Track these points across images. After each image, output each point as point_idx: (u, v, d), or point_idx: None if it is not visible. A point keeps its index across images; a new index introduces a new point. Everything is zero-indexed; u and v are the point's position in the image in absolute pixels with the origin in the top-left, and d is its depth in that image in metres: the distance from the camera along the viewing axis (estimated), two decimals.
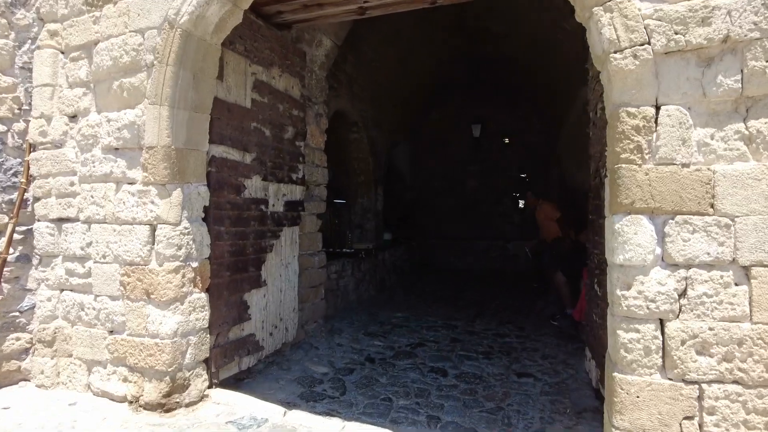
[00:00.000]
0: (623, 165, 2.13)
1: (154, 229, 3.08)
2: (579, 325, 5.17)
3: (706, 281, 2.05)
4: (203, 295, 3.30)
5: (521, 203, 11.35)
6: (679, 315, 2.04)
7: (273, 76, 4.14)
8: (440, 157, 11.78)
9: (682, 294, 2.04)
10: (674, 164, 2.07)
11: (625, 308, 2.10)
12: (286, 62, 4.33)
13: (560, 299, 6.60)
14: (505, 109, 11.39)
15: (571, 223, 7.41)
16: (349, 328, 5.58)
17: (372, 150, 8.42)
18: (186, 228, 3.13)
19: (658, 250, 2.09)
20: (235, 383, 3.87)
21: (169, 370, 3.03)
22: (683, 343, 2.02)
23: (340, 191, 8.52)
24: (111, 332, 3.22)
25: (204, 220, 3.34)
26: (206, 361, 3.38)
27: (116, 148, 3.16)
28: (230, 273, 3.58)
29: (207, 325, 3.35)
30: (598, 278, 3.12)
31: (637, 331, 2.07)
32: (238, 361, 3.78)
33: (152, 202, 3.04)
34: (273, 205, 4.12)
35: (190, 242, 3.16)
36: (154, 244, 3.07)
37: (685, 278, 2.04)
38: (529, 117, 11.24)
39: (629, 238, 2.11)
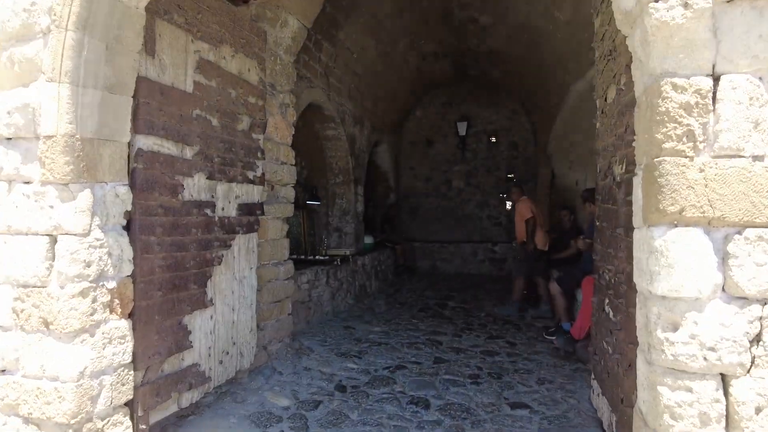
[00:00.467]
0: (667, 158, 1.53)
1: (55, 242, 2.41)
2: (578, 343, 4.61)
3: None
4: (124, 323, 2.63)
5: (508, 204, 10.82)
6: (750, 370, 1.46)
7: (223, 55, 3.49)
8: (425, 157, 11.19)
9: (756, 340, 1.46)
10: (742, 156, 1.49)
11: (671, 357, 1.51)
12: (240, 41, 3.67)
13: (553, 311, 6.07)
14: (492, 107, 10.85)
15: (569, 229, 6.91)
16: (321, 348, 4.94)
17: (351, 148, 7.77)
18: (98, 239, 2.46)
19: (719, 278, 1.50)
20: (176, 423, 3.21)
21: (73, 422, 2.35)
22: (758, 411, 1.43)
23: (316, 192, 7.88)
24: (2, 372, 2.53)
25: (126, 228, 2.67)
26: (130, 403, 2.71)
27: (8, 138, 2.47)
28: (164, 292, 2.91)
29: (130, 360, 2.67)
30: (612, 301, 2.54)
31: (690, 390, 1.48)
32: (177, 398, 3.11)
33: (51, 207, 2.37)
34: (222, 209, 3.46)
35: (104, 257, 2.49)
36: (54, 260, 2.39)
37: (760, 318, 1.45)
38: (518, 114, 10.71)
39: (676, 259, 1.52)
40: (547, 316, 6.42)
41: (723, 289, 1.50)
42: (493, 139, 10.94)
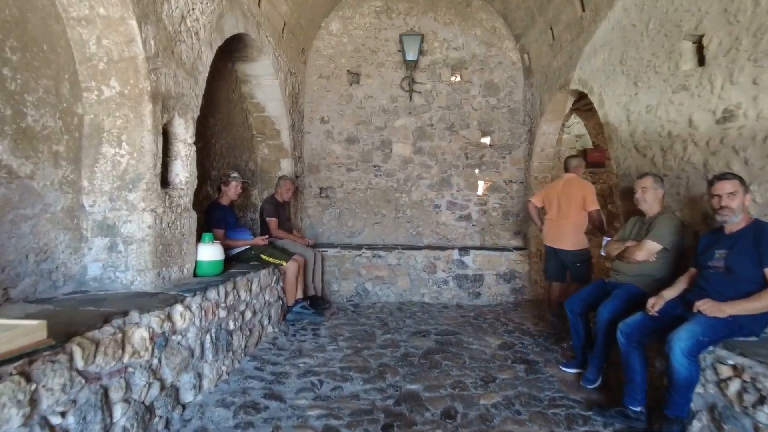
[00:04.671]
0: None
1: None
2: None
3: None
4: None
5: (481, 186, 6.59)
6: None
7: None
8: (347, 102, 6.60)
9: None
10: None
11: None
12: None
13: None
14: (459, 22, 6.53)
15: None
16: None
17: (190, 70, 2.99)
18: None
19: None
20: None
21: None
22: None
23: None
24: None
25: None
26: None
27: None
28: None
29: None
30: None
31: None
32: None
33: None
34: None
35: None
36: None
37: None
38: (498, 36, 6.50)
39: None
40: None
41: None
42: (458, 77, 6.62)
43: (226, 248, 4.23)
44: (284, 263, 4.40)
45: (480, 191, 6.60)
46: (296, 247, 5.01)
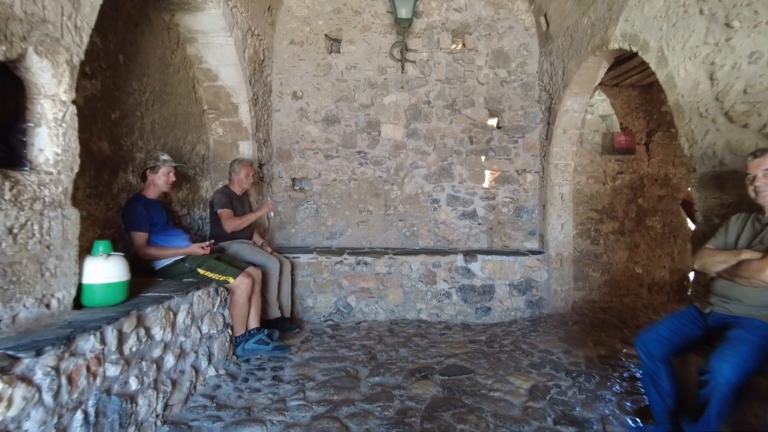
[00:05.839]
0: None
1: None
2: None
3: None
4: None
5: (488, 176, 5.47)
6: None
7: None
8: (325, 73, 5.40)
9: None
10: None
11: None
12: None
13: None
14: None
15: None
16: None
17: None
18: None
19: None
20: None
21: None
22: None
23: None
24: None
25: None
26: None
27: None
28: None
29: None
30: None
31: None
32: None
33: None
34: None
35: None
36: None
37: None
38: None
39: None
40: None
41: None
42: (460, 45, 5.47)
43: (150, 259, 3.02)
44: (231, 279, 3.20)
45: (487, 183, 5.47)
46: (254, 255, 3.82)
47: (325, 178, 5.38)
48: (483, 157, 5.42)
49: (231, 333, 3.35)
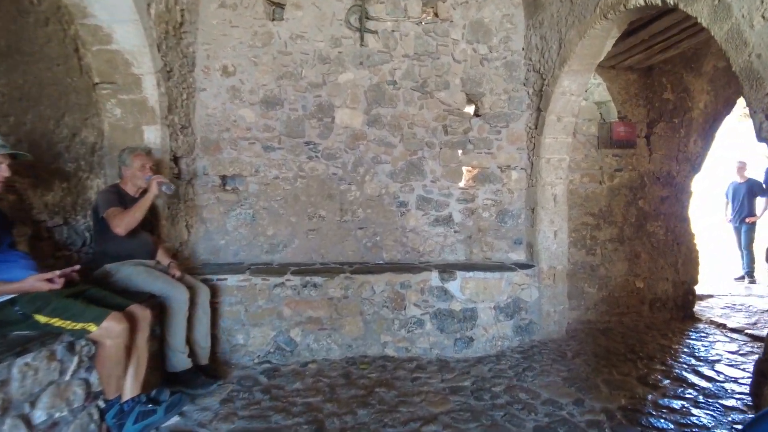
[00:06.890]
0: None
1: None
2: None
3: None
4: None
5: (466, 173, 4.53)
6: None
7: None
8: (263, 44, 4.29)
9: None
10: None
11: None
12: None
13: None
14: None
15: None
16: None
17: None
18: None
19: None
20: None
21: None
22: None
23: None
24: None
25: None
26: None
27: None
28: None
29: None
30: None
31: None
32: None
33: None
34: None
35: None
36: None
37: None
38: None
39: None
40: None
41: None
42: (432, 14, 4.50)
43: None
44: (92, 327, 2.05)
45: (464, 182, 4.52)
46: (152, 282, 2.70)
47: (264, 176, 4.28)
48: (460, 151, 4.46)
49: (103, 403, 2.21)
